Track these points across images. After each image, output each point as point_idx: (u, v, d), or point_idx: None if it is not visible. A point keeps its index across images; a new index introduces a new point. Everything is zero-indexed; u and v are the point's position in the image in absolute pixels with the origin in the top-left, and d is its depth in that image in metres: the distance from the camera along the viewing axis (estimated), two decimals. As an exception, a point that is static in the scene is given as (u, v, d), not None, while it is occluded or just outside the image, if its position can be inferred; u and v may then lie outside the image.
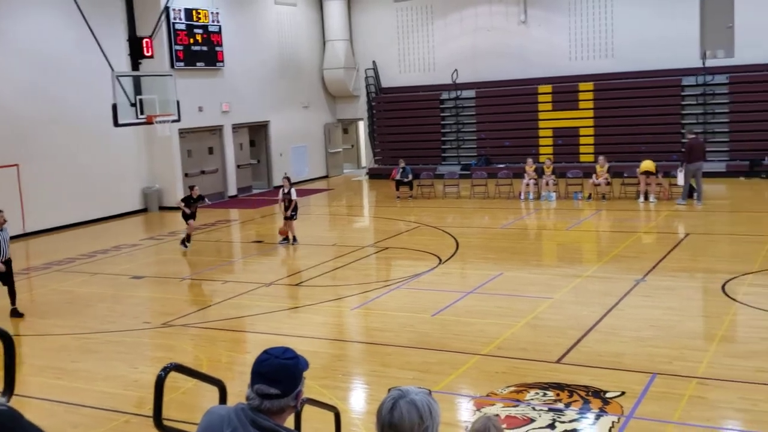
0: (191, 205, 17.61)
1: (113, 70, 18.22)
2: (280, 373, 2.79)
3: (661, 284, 12.38)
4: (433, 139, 29.14)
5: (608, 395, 7.92)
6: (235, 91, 26.27)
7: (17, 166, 20.09)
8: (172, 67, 23.38)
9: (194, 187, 18.45)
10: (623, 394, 7.93)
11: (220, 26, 25.38)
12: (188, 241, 17.48)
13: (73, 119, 21.40)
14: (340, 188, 28.22)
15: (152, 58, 22.49)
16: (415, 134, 29.24)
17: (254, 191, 27.60)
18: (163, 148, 23.80)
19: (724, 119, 24.99)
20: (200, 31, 24.66)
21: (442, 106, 29.03)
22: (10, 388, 2.99)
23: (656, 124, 25.15)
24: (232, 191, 26.46)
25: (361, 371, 9.55)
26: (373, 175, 29.80)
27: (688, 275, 13.25)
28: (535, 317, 10.89)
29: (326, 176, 31.01)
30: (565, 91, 26.64)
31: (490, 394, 8.19)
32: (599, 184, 21.28)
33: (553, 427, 7.30)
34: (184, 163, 24.66)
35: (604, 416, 7.49)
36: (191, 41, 24.34)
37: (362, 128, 32.41)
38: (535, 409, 7.70)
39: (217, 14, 25.28)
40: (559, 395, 8.00)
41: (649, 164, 20.64)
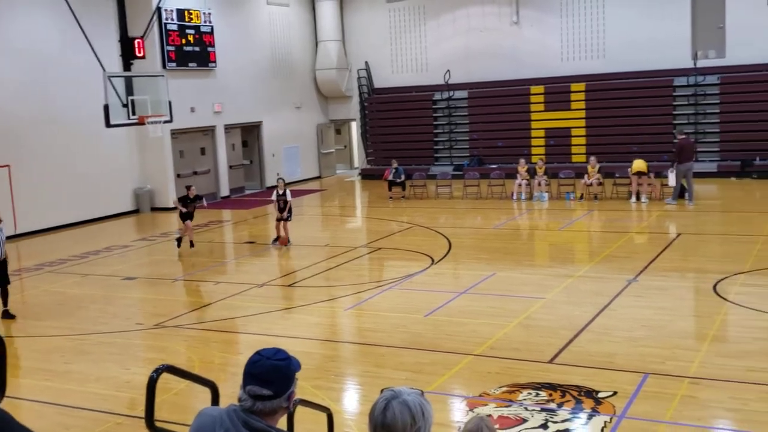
0: (188, 204, 17.37)
1: (105, 70, 18.16)
2: (272, 374, 2.79)
3: (653, 284, 12.42)
4: (425, 139, 29.15)
5: (600, 395, 7.94)
6: (227, 91, 26.23)
7: (8, 166, 20.02)
8: (164, 67, 23.31)
9: (191, 186, 18.06)
10: (615, 394, 7.95)
11: (212, 27, 25.34)
12: (182, 242, 17.33)
13: (64, 120, 21.34)
14: (332, 189, 28.21)
15: (144, 58, 22.46)
16: (407, 135, 29.24)
17: (247, 192, 27.57)
18: (155, 148, 23.75)
19: (715, 119, 25.07)
20: (192, 31, 24.62)
21: (434, 106, 29.05)
22: (1, 390, 2.98)
23: (648, 124, 25.21)
24: (224, 192, 26.42)
25: (353, 372, 9.54)
26: (365, 175, 29.80)
27: (679, 275, 13.29)
28: (527, 317, 10.91)
29: (319, 177, 30.99)
30: (557, 91, 26.69)
31: (482, 394, 8.20)
32: (591, 184, 21.37)
33: (545, 427, 7.32)
34: (176, 163, 24.61)
35: (596, 416, 7.51)
36: (183, 42, 24.29)
37: (355, 129, 32.41)
38: (527, 409, 7.71)
39: (209, 15, 25.24)
40: (551, 395, 8.01)
41: (641, 164, 20.72)
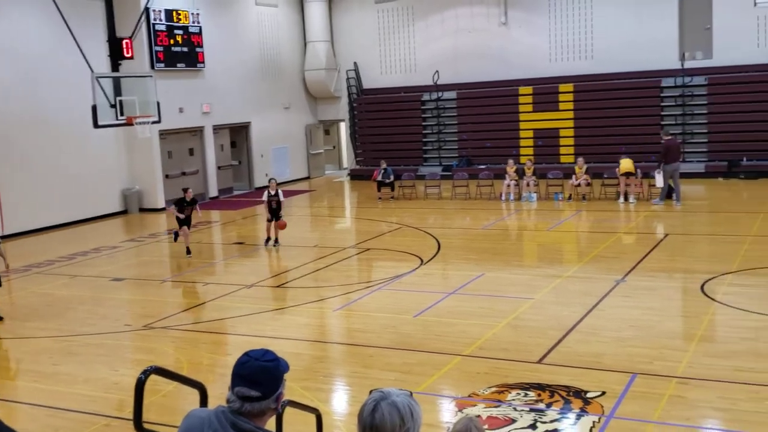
0: (185, 208, 16.57)
1: (93, 71, 18.05)
2: (260, 375, 2.79)
3: (641, 284, 12.47)
4: (414, 140, 29.16)
5: (589, 395, 7.96)
6: (215, 92, 26.17)
7: (-5, 167, 19.94)
8: (152, 68, 23.23)
9: (188, 189, 17.18)
10: (604, 394, 7.98)
11: (200, 27, 25.28)
12: (188, 252, 16.65)
13: (52, 120, 21.23)
14: (321, 189, 28.18)
15: (132, 59, 22.28)
16: (396, 135, 29.25)
17: (235, 192, 27.51)
18: (143, 149, 23.66)
19: (702, 120, 25.19)
20: (180, 32, 24.55)
21: (423, 107, 29.07)
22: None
23: (636, 125, 25.29)
24: (213, 193, 26.35)
25: (342, 373, 9.54)
26: (354, 176, 29.79)
27: (667, 275, 13.34)
28: (516, 318, 10.93)
29: (308, 177, 30.96)
30: (545, 92, 26.75)
31: (471, 394, 8.21)
32: (578, 185, 21.44)
33: (534, 427, 7.33)
34: (164, 164, 24.53)
35: (584, 416, 7.53)
36: (171, 42, 24.22)
37: (344, 129, 32.40)
38: (516, 409, 7.73)
39: (197, 15, 25.18)
40: (540, 395, 8.03)
41: (628, 164, 20.77)
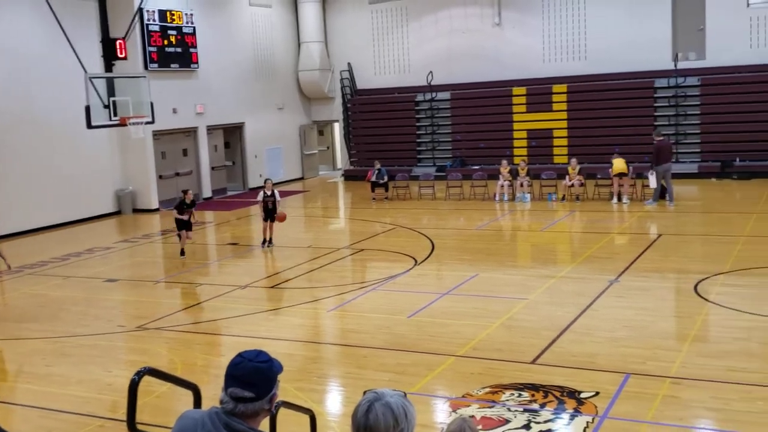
0: (185, 211, 16.33)
1: (86, 71, 18.02)
2: (254, 376, 2.78)
3: (634, 285, 12.49)
4: (408, 140, 29.17)
5: (582, 395, 7.97)
6: (209, 92, 26.14)
7: (-12, 168, 19.89)
8: (145, 68, 23.20)
9: (188, 190, 16.91)
10: (597, 394, 7.99)
11: (194, 28, 25.24)
12: (182, 253, 16.56)
13: (45, 121, 21.18)
14: (315, 190, 28.17)
15: (126, 59, 22.29)
16: (390, 136, 29.25)
17: (229, 193, 27.49)
18: (136, 150, 23.61)
19: (695, 121, 25.25)
20: (174, 32, 24.51)
21: (417, 107, 29.07)
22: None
23: (629, 125, 25.33)
24: (206, 193, 26.31)
25: (336, 373, 9.53)
26: (348, 176, 29.78)
27: (660, 276, 13.36)
28: (510, 318, 10.94)
29: (302, 178, 30.94)
30: (539, 93, 26.78)
31: (465, 395, 8.21)
32: (571, 185, 21.48)
33: (528, 427, 7.34)
34: (158, 165, 24.48)
35: (578, 416, 7.54)
36: (165, 42, 24.18)
37: (338, 130, 32.39)
38: (510, 409, 7.74)
39: (191, 16, 25.14)
40: (534, 396, 8.04)
41: (621, 164, 20.82)
